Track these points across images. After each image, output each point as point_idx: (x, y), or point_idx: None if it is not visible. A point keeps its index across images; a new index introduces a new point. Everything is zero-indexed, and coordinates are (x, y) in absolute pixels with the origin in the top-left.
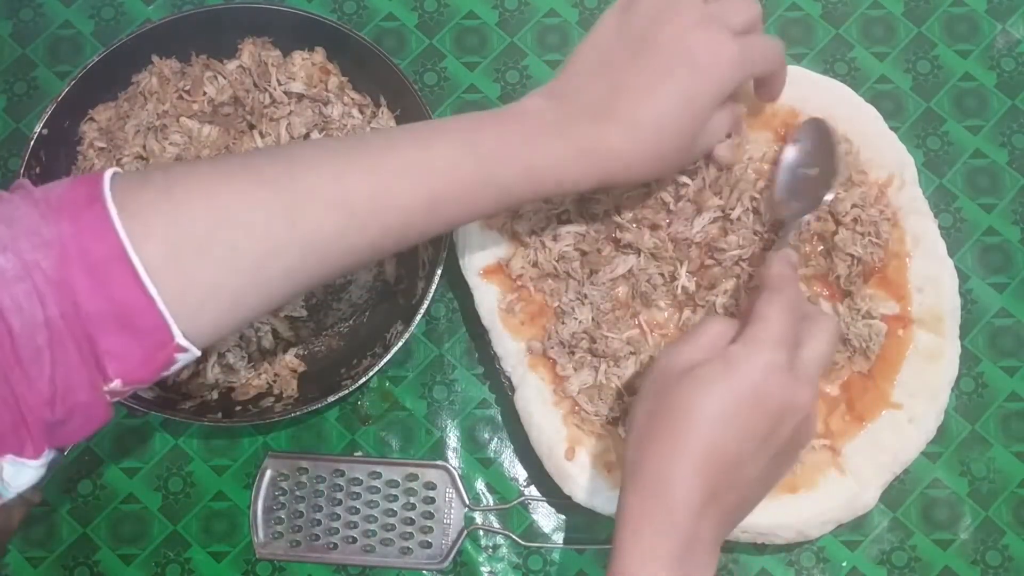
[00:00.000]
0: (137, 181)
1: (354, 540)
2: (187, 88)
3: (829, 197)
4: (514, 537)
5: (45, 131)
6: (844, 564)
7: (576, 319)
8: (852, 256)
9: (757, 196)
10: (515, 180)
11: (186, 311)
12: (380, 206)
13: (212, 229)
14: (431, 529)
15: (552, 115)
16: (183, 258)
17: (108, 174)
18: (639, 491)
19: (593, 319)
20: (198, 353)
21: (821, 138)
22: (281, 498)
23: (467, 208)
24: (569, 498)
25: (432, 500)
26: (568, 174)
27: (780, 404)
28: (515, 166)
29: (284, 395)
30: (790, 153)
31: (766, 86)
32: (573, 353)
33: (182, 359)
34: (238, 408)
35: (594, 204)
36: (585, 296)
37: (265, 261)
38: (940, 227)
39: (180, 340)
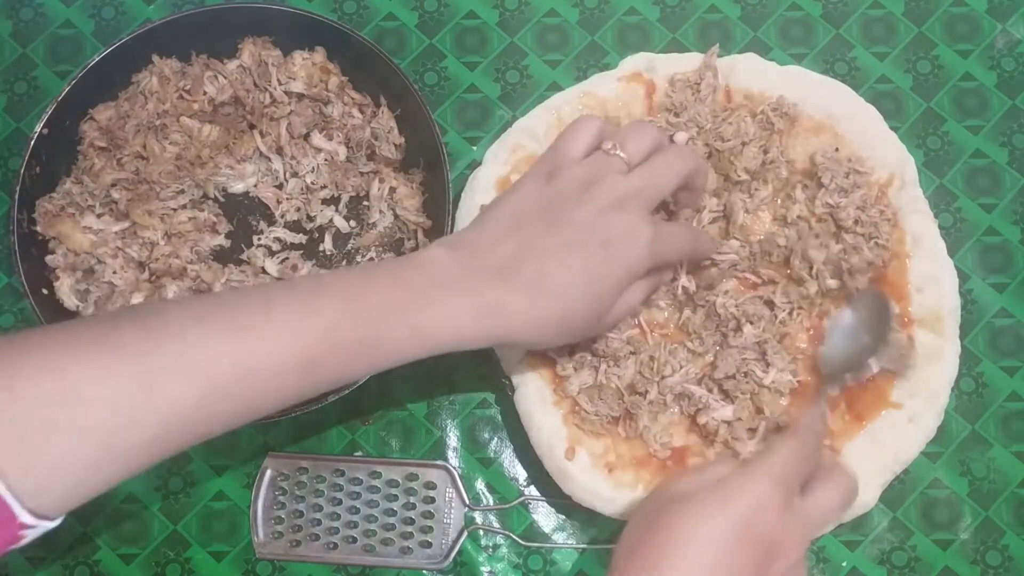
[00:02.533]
0: None
1: (354, 540)
2: (187, 88)
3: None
4: (514, 537)
5: (45, 131)
6: (844, 564)
7: None
8: (868, 263)
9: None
10: (402, 339)
11: (31, 488)
12: (246, 372)
13: (58, 408)
14: (431, 529)
15: (454, 268)
16: (25, 439)
17: None
18: None
19: None
20: (53, 524)
21: (878, 310)
22: (281, 498)
23: (347, 370)
24: (569, 498)
25: (432, 500)
26: (464, 332)
27: (770, 540)
28: (402, 325)
29: None
30: (846, 317)
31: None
32: (573, 353)
33: (31, 533)
34: None
35: None
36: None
37: (119, 434)
38: (940, 227)
39: (24, 518)
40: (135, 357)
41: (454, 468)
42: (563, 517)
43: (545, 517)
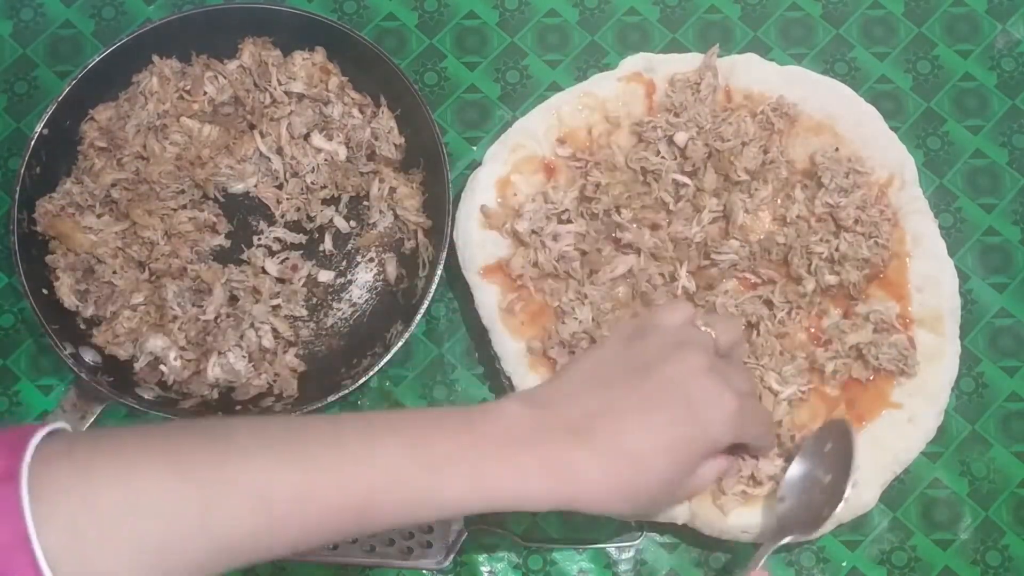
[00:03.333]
0: (61, 452)
1: (354, 540)
2: (187, 88)
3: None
4: (514, 537)
5: (46, 131)
6: (844, 564)
7: (576, 319)
8: (863, 259)
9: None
10: (463, 491)
11: None
12: (304, 507)
13: (119, 517)
14: (431, 529)
15: (527, 424)
16: (85, 546)
17: (36, 440)
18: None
19: (593, 319)
20: None
21: (840, 442)
22: None
23: (404, 517)
24: None
25: None
26: (527, 492)
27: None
28: (464, 477)
29: (284, 395)
30: (805, 456)
31: (755, 450)
32: (573, 353)
33: None
34: (238, 408)
35: (594, 204)
36: (585, 296)
37: (168, 555)
38: (940, 227)
39: None
40: (197, 475)
41: None
42: (563, 517)
43: (545, 517)
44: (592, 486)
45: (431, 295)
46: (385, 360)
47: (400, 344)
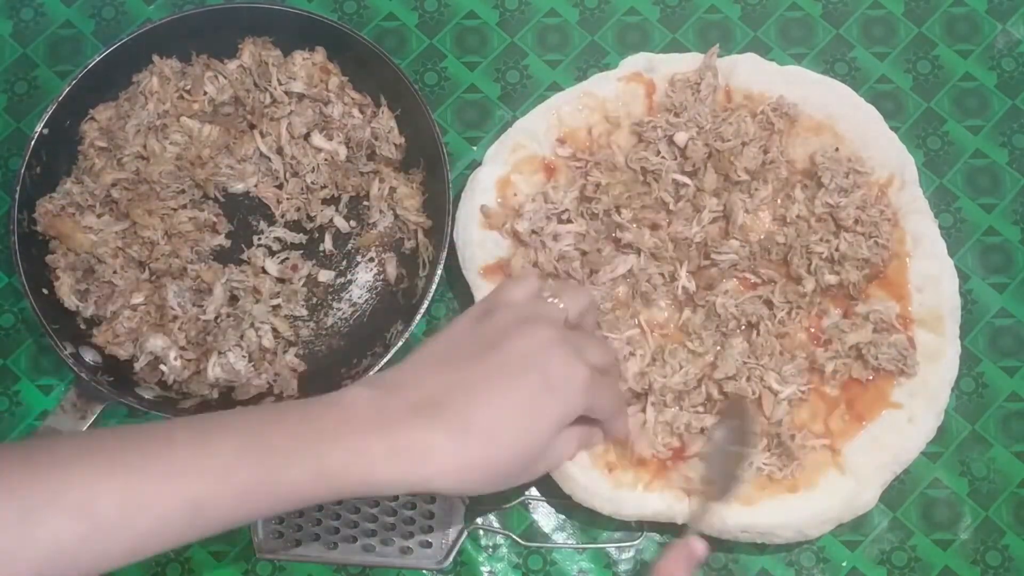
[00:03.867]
0: None
1: (354, 539)
2: (188, 88)
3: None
4: (514, 537)
5: (46, 131)
6: (844, 564)
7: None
8: (862, 259)
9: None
10: (303, 483)
11: None
12: (131, 515)
13: None
14: (431, 529)
15: (371, 407)
16: None
17: None
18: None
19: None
20: None
21: (744, 417)
22: None
23: (242, 512)
24: (569, 498)
25: (432, 500)
26: (376, 478)
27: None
28: (304, 468)
29: (284, 395)
30: (719, 430)
31: (608, 428)
32: None
33: None
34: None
35: (594, 204)
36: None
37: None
38: (940, 227)
39: None
40: (15, 491)
41: None
42: (563, 517)
43: (545, 517)
44: (444, 466)
45: (431, 295)
46: (385, 360)
47: (400, 344)
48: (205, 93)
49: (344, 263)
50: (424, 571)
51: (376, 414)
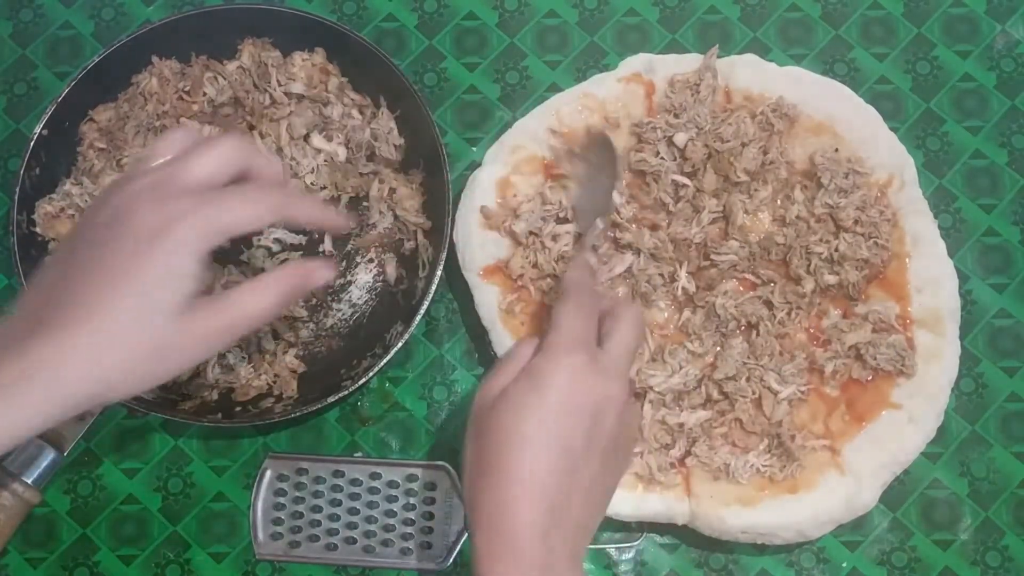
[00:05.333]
0: None
1: (354, 541)
2: (187, 89)
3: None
4: None
5: (45, 132)
6: (844, 565)
7: None
8: (862, 260)
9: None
10: None
11: None
12: None
13: None
14: (431, 530)
15: None
16: None
17: None
18: (482, 530)
19: None
20: None
21: (604, 149)
22: (281, 499)
23: None
24: None
25: (432, 501)
26: (30, 413)
27: (592, 403)
28: None
29: (284, 396)
30: (579, 168)
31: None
32: None
33: None
34: (238, 409)
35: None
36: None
37: None
38: (940, 227)
39: None
40: None
41: (454, 469)
42: None
43: None
44: (74, 371)
45: (431, 296)
46: (385, 361)
47: (400, 345)
48: (204, 94)
49: (344, 264)
50: (424, 572)
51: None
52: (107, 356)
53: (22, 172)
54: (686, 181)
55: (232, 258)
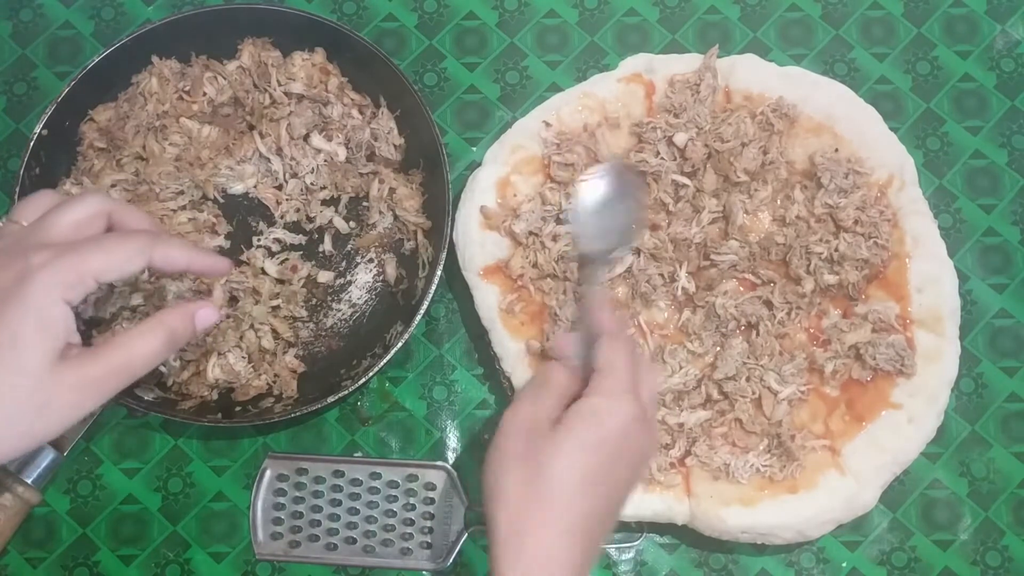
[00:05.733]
0: None
1: (354, 541)
2: (187, 88)
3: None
4: None
5: (45, 131)
6: (844, 565)
7: (566, 320)
8: (862, 260)
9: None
10: None
11: None
12: None
13: None
14: (431, 529)
15: None
16: None
17: None
18: (523, 561)
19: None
20: None
21: (624, 178)
22: (281, 499)
23: None
24: None
25: (432, 501)
26: None
27: (641, 453)
28: None
29: (284, 395)
30: (589, 190)
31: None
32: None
33: None
34: (238, 409)
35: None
36: (580, 297)
37: None
38: (940, 228)
39: None
40: None
41: (454, 469)
42: None
43: None
44: None
45: (431, 296)
46: (385, 361)
47: (400, 345)
48: (204, 94)
49: (344, 264)
50: (424, 572)
51: None
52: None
53: (22, 172)
54: (686, 181)
55: (232, 258)
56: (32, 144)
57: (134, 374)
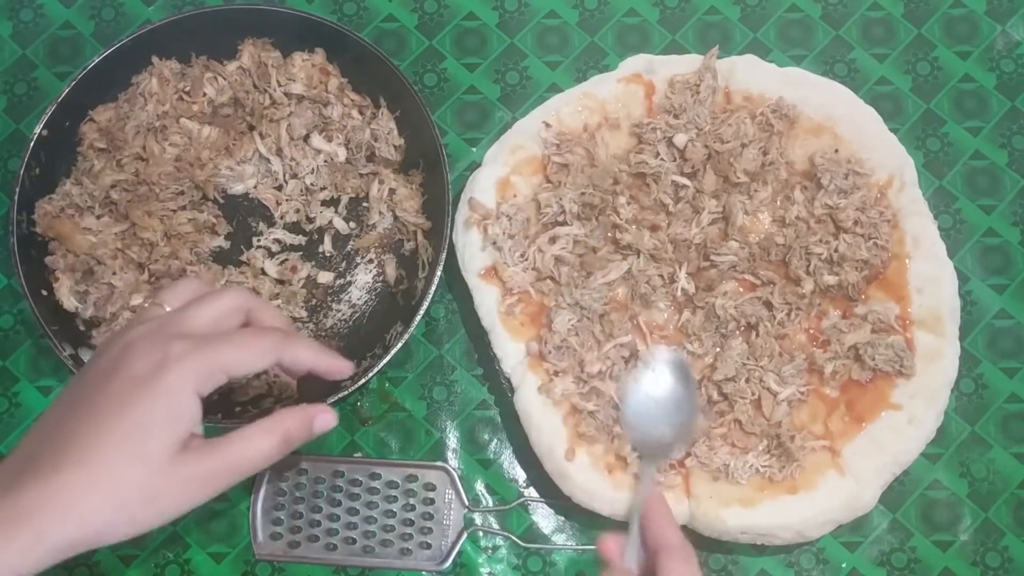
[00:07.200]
0: None
1: (354, 541)
2: (187, 89)
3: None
4: (514, 538)
5: (45, 132)
6: (844, 565)
7: (556, 331)
8: (862, 260)
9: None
10: None
11: None
12: None
13: None
14: (431, 530)
15: None
16: None
17: None
18: None
19: (572, 328)
20: None
21: (676, 369)
22: (281, 499)
23: None
24: (569, 499)
25: (432, 501)
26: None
27: None
28: None
29: (284, 396)
30: (643, 381)
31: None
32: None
33: None
34: (238, 409)
35: (561, 188)
36: (576, 302)
37: None
38: (940, 228)
39: None
40: None
41: (454, 469)
42: (563, 518)
43: (545, 518)
44: (72, 512)
45: (431, 296)
46: (385, 361)
47: (400, 345)
48: (204, 94)
49: (343, 265)
50: (424, 572)
51: None
52: (92, 499)
53: (22, 172)
54: (686, 182)
55: (232, 259)
56: (32, 144)
57: (244, 473)
